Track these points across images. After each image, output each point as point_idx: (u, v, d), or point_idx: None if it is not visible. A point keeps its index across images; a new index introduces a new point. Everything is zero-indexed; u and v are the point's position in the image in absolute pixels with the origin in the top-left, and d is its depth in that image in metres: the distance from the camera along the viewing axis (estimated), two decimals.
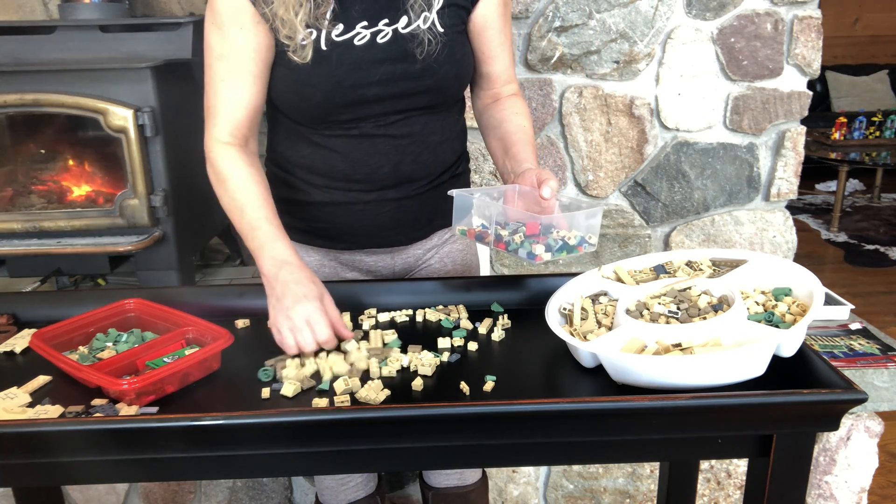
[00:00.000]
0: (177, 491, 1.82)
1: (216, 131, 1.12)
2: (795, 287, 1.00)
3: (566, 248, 1.03)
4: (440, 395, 0.93)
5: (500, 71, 1.23)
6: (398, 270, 1.31)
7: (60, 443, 0.82)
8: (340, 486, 1.36)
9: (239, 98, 1.11)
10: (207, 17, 1.09)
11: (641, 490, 1.90)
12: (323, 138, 1.17)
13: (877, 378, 1.45)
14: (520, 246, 1.02)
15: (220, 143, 1.11)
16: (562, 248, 1.03)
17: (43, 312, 1.17)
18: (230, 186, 1.10)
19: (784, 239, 2.20)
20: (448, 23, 1.12)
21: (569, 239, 1.03)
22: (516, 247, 1.02)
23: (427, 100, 1.15)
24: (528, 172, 1.10)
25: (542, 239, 1.02)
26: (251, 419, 0.82)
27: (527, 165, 1.14)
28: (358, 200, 1.20)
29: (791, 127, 2.11)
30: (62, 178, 1.91)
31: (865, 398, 0.81)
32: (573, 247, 1.04)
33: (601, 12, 1.99)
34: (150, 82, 1.73)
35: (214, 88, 1.11)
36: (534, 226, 1.03)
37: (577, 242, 1.04)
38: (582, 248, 1.05)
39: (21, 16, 2.21)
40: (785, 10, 2.02)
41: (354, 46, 1.09)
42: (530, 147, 1.19)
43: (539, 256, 1.00)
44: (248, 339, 1.11)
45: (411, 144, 1.18)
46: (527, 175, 1.10)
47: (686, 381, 0.86)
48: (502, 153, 1.21)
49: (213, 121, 1.12)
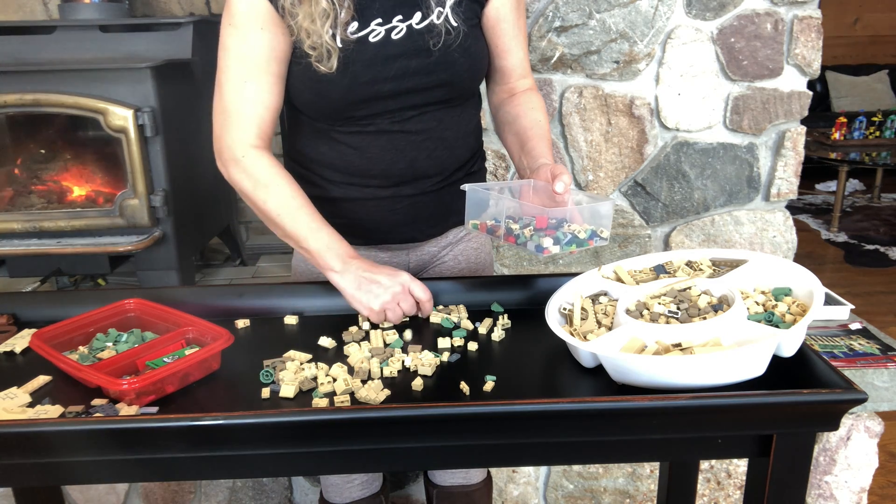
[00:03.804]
0: (177, 491, 1.82)
1: (242, 134, 1.11)
2: (795, 287, 1.00)
3: (576, 242, 1.03)
4: (440, 395, 0.93)
5: (514, 65, 1.24)
6: (412, 267, 1.32)
7: (60, 443, 0.82)
8: (345, 484, 1.37)
9: (264, 100, 1.11)
10: (224, 18, 1.09)
11: (641, 490, 1.90)
12: (340, 135, 1.17)
13: (877, 378, 1.45)
14: (528, 239, 1.02)
15: (249, 146, 1.11)
16: (571, 241, 1.02)
17: (43, 312, 1.17)
18: (276, 191, 1.11)
19: (784, 239, 2.20)
20: (462, 17, 1.12)
21: (578, 233, 1.03)
22: (525, 240, 1.02)
23: (442, 94, 1.16)
24: (543, 168, 1.10)
25: (552, 232, 1.02)
26: (251, 419, 0.82)
27: (542, 161, 1.14)
28: (374, 196, 1.21)
29: (791, 127, 2.11)
30: (62, 178, 1.91)
31: (865, 398, 0.81)
32: (583, 240, 1.03)
33: (601, 12, 1.99)
34: (150, 82, 1.73)
35: (236, 90, 1.10)
36: (543, 219, 1.02)
37: (587, 236, 1.04)
38: (593, 241, 1.04)
39: (21, 16, 2.22)
40: (785, 10, 2.02)
41: (369, 43, 1.09)
42: (546, 142, 1.19)
43: (547, 249, 1.00)
44: (248, 339, 1.11)
45: (427, 140, 1.18)
46: (541, 170, 1.10)
47: (686, 381, 0.86)
48: (518, 149, 1.22)
49: (236, 123, 1.11)
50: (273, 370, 0.98)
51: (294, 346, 1.05)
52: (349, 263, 1.08)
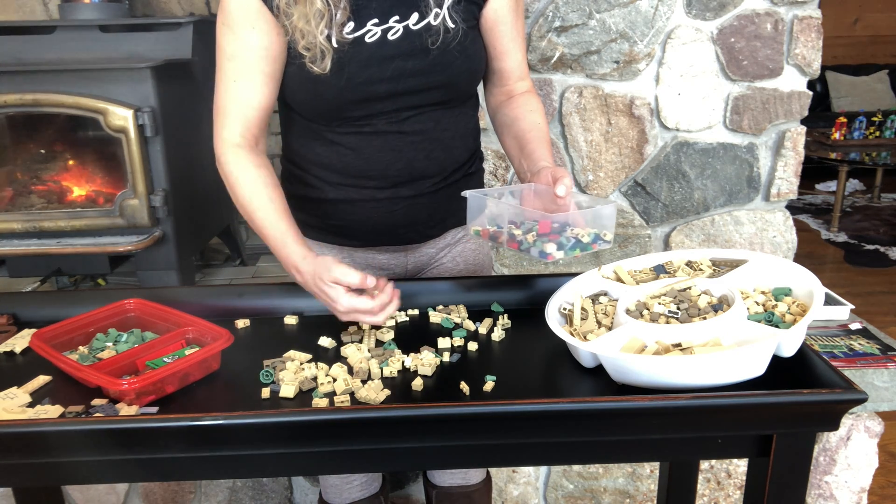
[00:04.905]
0: (177, 491, 1.82)
1: (226, 132, 1.12)
2: (795, 287, 1.00)
3: (579, 246, 1.02)
4: (440, 395, 0.93)
5: (512, 67, 1.23)
6: (411, 269, 1.32)
7: (60, 443, 0.82)
8: (344, 485, 1.37)
9: (250, 98, 1.11)
10: (219, 17, 1.10)
11: (641, 490, 1.90)
12: (336, 136, 1.17)
13: (877, 378, 1.45)
14: (532, 245, 1.01)
15: (231, 144, 1.12)
16: (574, 245, 1.02)
17: (43, 312, 1.17)
18: (239, 191, 1.11)
19: (784, 239, 2.20)
20: (460, 18, 1.12)
21: (582, 237, 1.03)
22: (528, 245, 1.02)
23: (439, 95, 1.15)
24: (544, 171, 1.10)
25: (555, 237, 1.02)
26: (251, 419, 0.82)
27: (542, 164, 1.13)
28: (371, 198, 1.20)
29: (791, 127, 2.11)
30: (62, 178, 1.91)
31: (865, 398, 0.81)
32: (587, 244, 1.03)
33: (601, 12, 1.99)
34: (150, 82, 1.73)
35: (225, 89, 1.11)
36: (546, 224, 1.02)
37: (591, 240, 1.03)
38: (596, 245, 1.04)
39: (21, 16, 2.22)
40: (785, 10, 2.02)
41: (365, 44, 1.09)
42: (545, 144, 1.19)
43: (551, 255, 0.99)
44: (248, 339, 1.11)
45: (424, 141, 1.18)
46: (542, 173, 1.10)
47: (686, 381, 0.86)
48: (518, 152, 1.21)
49: (223, 121, 1.12)
50: (273, 370, 0.98)
51: (294, 346, 1.05)
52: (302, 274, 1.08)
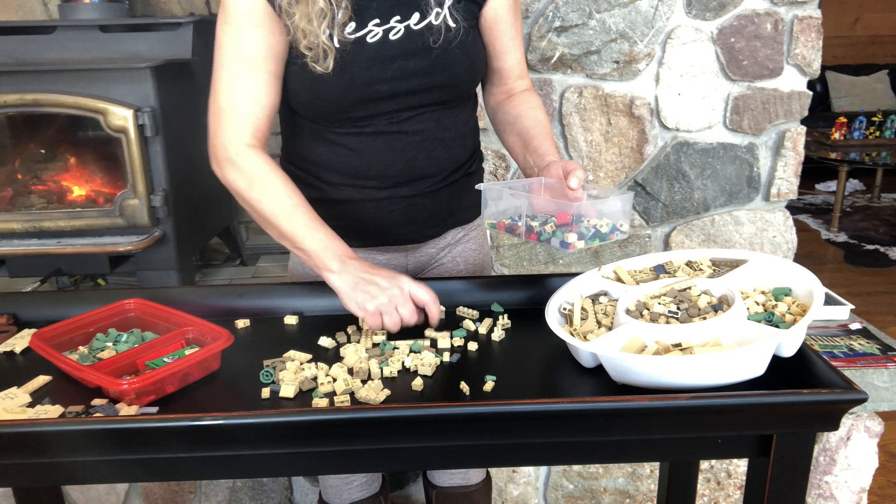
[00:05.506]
0: (177, 491, 1.82)
1: (237, 133, 1.09)
2: (795, 287, 1.00)
3: (598, 236, 1.03)
4: (440, 395, 0.93)
5: (511, 66, 1.24)
6: (411, 269, 1.31)
7: (60, 443, 0.82)
8: (344, 486, 1.36)
9: (259, 98, 1.10)
10: (220, 16, 1.08)
11: (641, 490, 1.90)
12: (337, 136, 1.17)
13: (877, 378, 1.45)
14: (552, 235, 1.02)
15: (245, 145, 1.09)
16: (594, 235, 1.03)
17: (43, 312, 1.17)
18: (271, 191, 1.08)
19: (784, 239, 2.20)
20: (460, 17, 1.12)
21: (600, 227, 1.03)
22: (548, 236, 1.02)
23: (440, 95, 1.15)
24: (554, 165, 1.09)
25: (574, 228, 1.02)
26: (251, 419, 0.82)
27: (550, 158, 1.14)
28: (372, 198, 1.20)
29: (791, 127, 2.11)
30: (62, 178, 1.91)
31: (865, 398, 0.81)
32: (605, 234, 1.04)
33: (601, 12, 1.99)
34: (150, 82, 1.73)
35: (232, 88, 1.09)
36: (564, 215, 1.03)
37: (608, 230, 1.04)
38: (614, 235, 1.05)
39: (21, 16, 2.22)
40: (785, 10, 2.02)
41: (367, 44, 1.09)
42: (550, 140, 1.19)
43: (572, 245, 1.00)
44: (248, 339, 1.11)
45: (424, 141, 1.18)
46: (552, 167, 1.09)
47: (686, 381, 0.86)
48: (522, 149, 1.21)
49: (231, 122, 1.10)
50: (273, 370, 0.98)
51: (294, 346, 1.05)
52: (347, 264, 1.05)
